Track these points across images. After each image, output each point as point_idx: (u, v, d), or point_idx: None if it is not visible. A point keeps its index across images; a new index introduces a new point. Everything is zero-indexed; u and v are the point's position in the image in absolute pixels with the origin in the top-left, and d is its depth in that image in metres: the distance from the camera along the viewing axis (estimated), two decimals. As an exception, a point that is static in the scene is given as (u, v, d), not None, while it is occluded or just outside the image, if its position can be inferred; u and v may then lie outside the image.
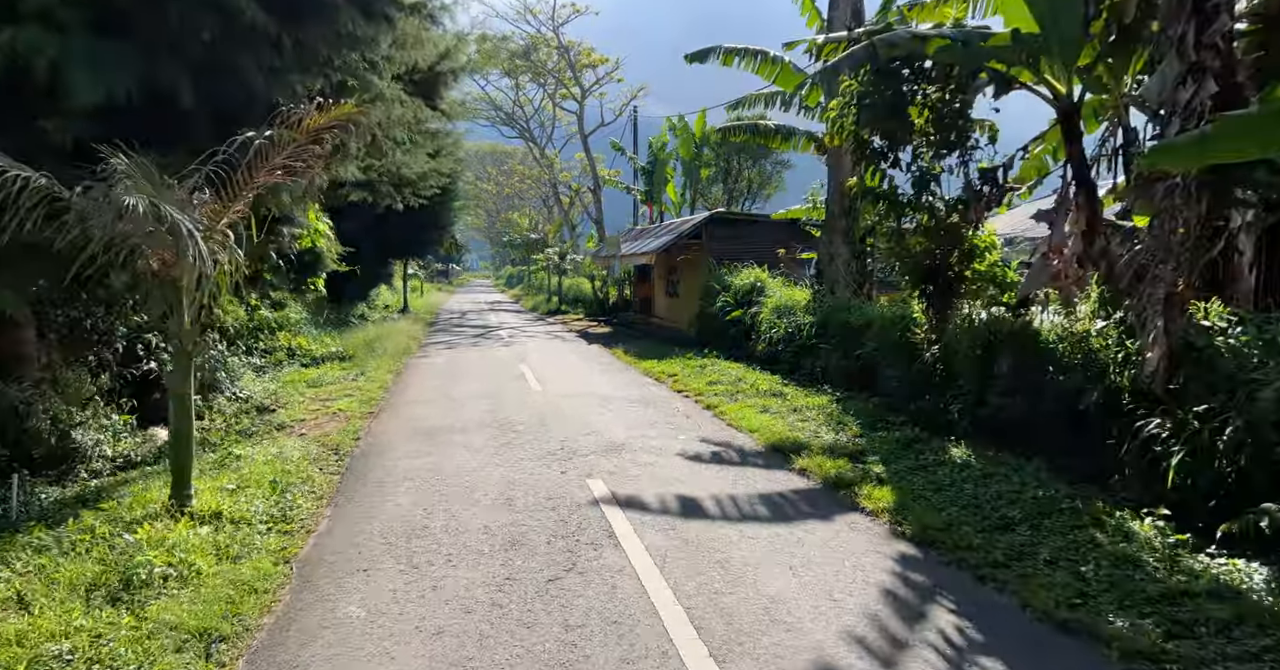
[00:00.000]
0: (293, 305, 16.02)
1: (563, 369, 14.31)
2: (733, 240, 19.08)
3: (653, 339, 20.18)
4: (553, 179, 44.92)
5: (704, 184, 31.52)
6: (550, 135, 48.64)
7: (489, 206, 71.57)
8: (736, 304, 15.89)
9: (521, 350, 17.69)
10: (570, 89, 37.72)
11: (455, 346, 18.71)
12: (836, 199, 12.27)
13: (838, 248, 12.34)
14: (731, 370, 12.95)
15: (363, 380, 12.67)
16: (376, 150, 11.86)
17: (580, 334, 22.49)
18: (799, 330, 12.47)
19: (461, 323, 27.08)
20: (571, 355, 16.72)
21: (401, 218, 24.52)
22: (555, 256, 33.26)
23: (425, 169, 15.08)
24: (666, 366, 14.06)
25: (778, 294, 14.59)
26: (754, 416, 9.25)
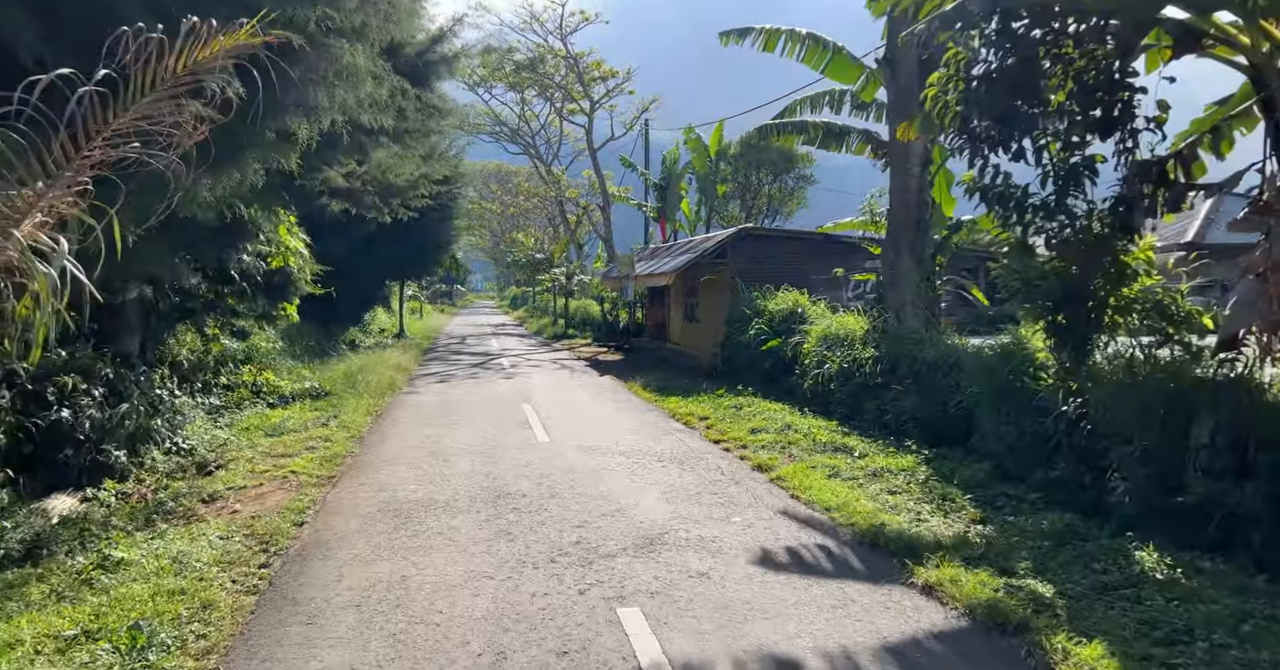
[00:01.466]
0: (261, 334, 13.97)
1: (573, 410, 12.17)
2: (762, 259, 17.02)
3: (670, 369, 18.05)
4: (559, 197, 43.14)
5: (720, 201, 29.62)
6: (557, 152, 47.01)
7: (493, 226, 69.94)
8: (773, 332, 13.78)
9: (525, 384, 15.58)
10: (579, 102, 36.02)
11: (450, 378, 16.60)
12: (902, 209, 10.22)
13: (904, 267, 10.26)
14: (774, 412, 10.82)
15: (334, 425, 10.57)
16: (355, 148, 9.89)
17: (589, 362, 20.39)
18: (857, 366, 10.33)
19: (460, 349, 25.00)
20: (582, 391, 14.59)
21: (396, 235, 22.56)
22: (561, 277, 31.28)
23: (415, 175, 13.10)
24: (695, 406, 11.93)
25: (824, 321, 12.49)
26: (823, 484, 7.10)
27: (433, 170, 14.51)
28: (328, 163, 10.81)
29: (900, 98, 9.80)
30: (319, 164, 10.55)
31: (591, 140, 35.83)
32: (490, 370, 18.34)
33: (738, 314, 15.47)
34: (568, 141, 46.50)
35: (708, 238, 19.07)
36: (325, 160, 10.52)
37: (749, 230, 17.05)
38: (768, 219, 28.26)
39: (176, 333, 11.93)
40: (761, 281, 16.34)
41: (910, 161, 9.87)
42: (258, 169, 6.25)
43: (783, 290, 14.73)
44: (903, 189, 10.01)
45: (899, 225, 10.17)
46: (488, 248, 78.13)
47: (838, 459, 8.08)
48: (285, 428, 10.47)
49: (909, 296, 10.08)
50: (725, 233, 17.77)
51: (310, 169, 11.21)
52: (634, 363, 20.19)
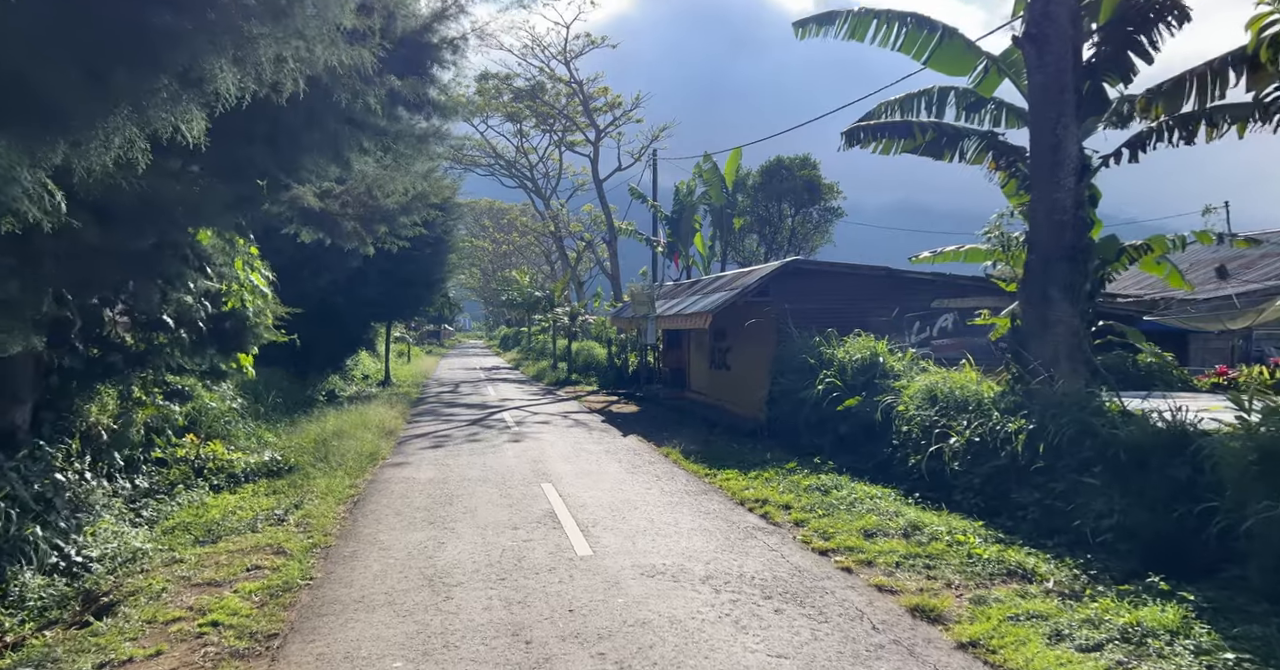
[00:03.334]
0: (209, 393, 11.22)
1: (609, 494, 9.46)
2: (810, 297, 14.55)
3: (702, 426, 15.39)
4: (558, 232, 40.87)
5: (736, 234, 27.35)
6: (555, 186, 44.97)
7: (484, 265, 67.73)
8: (846, 387, 11.20)
9: (537, 449, 12.84)
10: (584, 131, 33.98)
11: (445, 442, 13.82)
12: (1051, 233, 7.73)
13: (1056, 310, 7.73)
14: (878, 500, 8.20)
15: (292, 523, 7.83)
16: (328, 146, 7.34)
17: (603, 415, 17.69)
18: (996, 440, 7.72)
19: (454, 399, 22.20)
20: (610, 460, 11.86)
21: (383, 271, 19.99)
22: (564, 317, 28.74)
23: (407, 196, 10.56)
24: (763, 487, 9.31)
25: (922, 376, 9.93)
26: (1051, 662, 4.44)
27: (429, 190, 11.98)
28: (295, 171, 8.34)
29: (1050, 83, 7.45)
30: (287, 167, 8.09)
31: (597, 171, 33.70)
32: (492, 428, 15.58)
33: (794, 363, 12.88)
34: (567, 176, 44.57)
35: (746, 272, 16.64)
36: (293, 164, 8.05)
37: (797, 264, 14.64)
38: (789, 254, 25.97)
39: (95, 394, 9.20)
40: (810, 323, 13.86)
41: (1061, 170, 7.46)
42: (134, 134, 3.66)
43: (854, 335, 12.21)
44: (1050, 206, 7.58)
45: (1046, 255, 7.69)
46: (478, 287, 75.85)
47: (1033, 598, 5.42)
48: (226, 527, 7.70)
49: (1063, 347, 7.53)
50: (768, 266, 15.33)
51: (275, 184, 8.74)
52: (655, 417, 17.50)
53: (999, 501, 7.50)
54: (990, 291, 15.57)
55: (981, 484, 7.79)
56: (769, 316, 14.44)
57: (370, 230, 11.28)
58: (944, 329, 15.19)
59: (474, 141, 40.43)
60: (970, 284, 15.43)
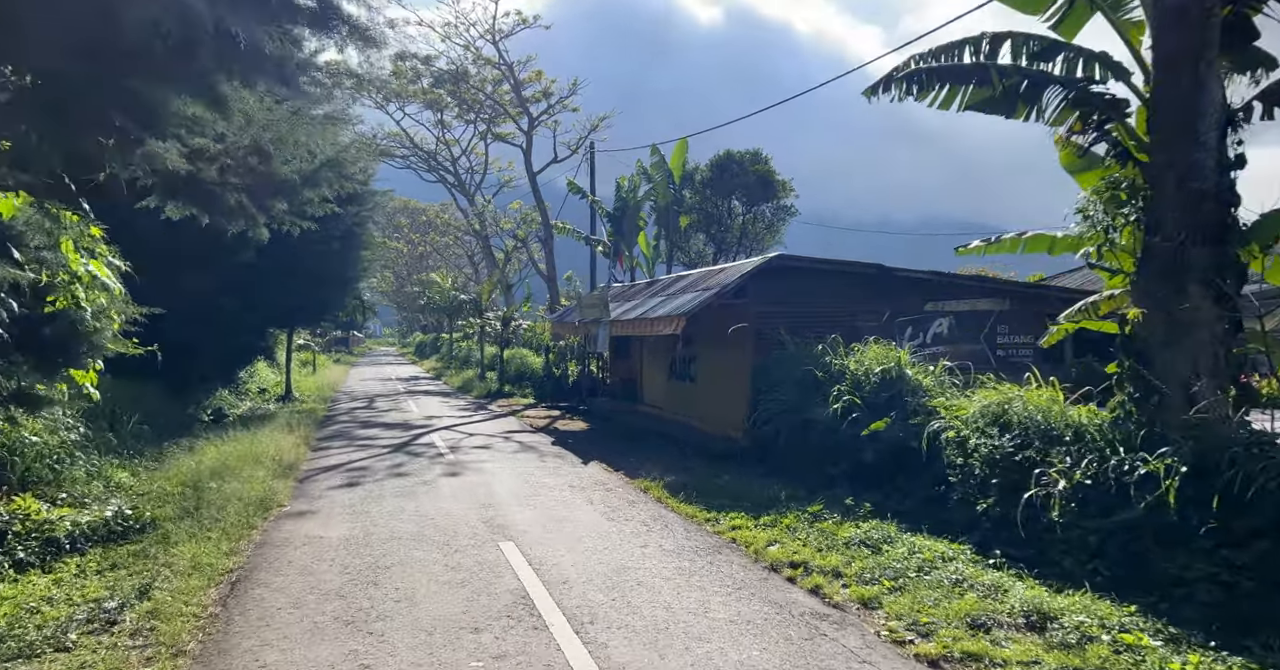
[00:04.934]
0: (29, 422, 8.16)
1: (597, 559, 7.10)
2: (792, 298, 12.66)
3: (668, 448, 13.21)
4: (484, 231, 37.87)
5: (683, 233, 25.39)
6: (480, 181, 41.94)
7: (398, 267, 63.56)
8: (866, 407, 9.25)
9: (483, 485, 10.30)
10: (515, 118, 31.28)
11: (362, 478, 11.06)
12: (1184, 209, 5.89)
13: (1193, 308, 5.91)
14: (956, 563, 6.29)
15: (123, 636, 5.12)
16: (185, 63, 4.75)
17: (552, 435, 15.23)
18: (1121, 485, 5.82)
19: (370, 417, 19.15)
20: (581, 502, 9.47)
21: (286, 268, 16.83)
22: (496, 323, 26.02)
23: (314, 160, 7.92)
24: (788, 539, 7.29)
25: (979, 393, 8.04)
26: None
27: (344, 157, 9.28)
28: (149, 116, 5.81)
29: (1189, 3, 5.64)
30: (135, 111, 5.59)
31: (530, 163, 31.07)
32: (420, 456, 12.86)
33: (789, 375, 10.88)
34: (493, 170, 41.66)
35: (718, 270, 14.60)
36: (144, 104, 5.54)
37: (781, 260, 12.70)
38: (739, 255, 24.22)
39: None
40: (793, 328, 12.00)
41: (1202, 121, 5.67)
42: None
43: (874, 342, 10.31)
44: (1186, 171, 5.75)
45: (1180, 236, 5.89)
46: (391, 290, 71.42)
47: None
48: (9, 647, 4.91)
49: (1204, 359, 5.74)
50: (748, 263, 13.34)
51: (124, 139, 6.12)
52: (610, 436, 15.20)
53: (1134, 570, 5.59)
54: (989, 292, 14.11)
55: (1100, 544, 5.87)
56: (750, 319, 12.41)
57: (263, 207, 8.52)
58: (939, 334, 13.59)
59: (388, 132, 37.04)
60: (968, 284, 13.92)
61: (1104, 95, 6.68)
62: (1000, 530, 6.79)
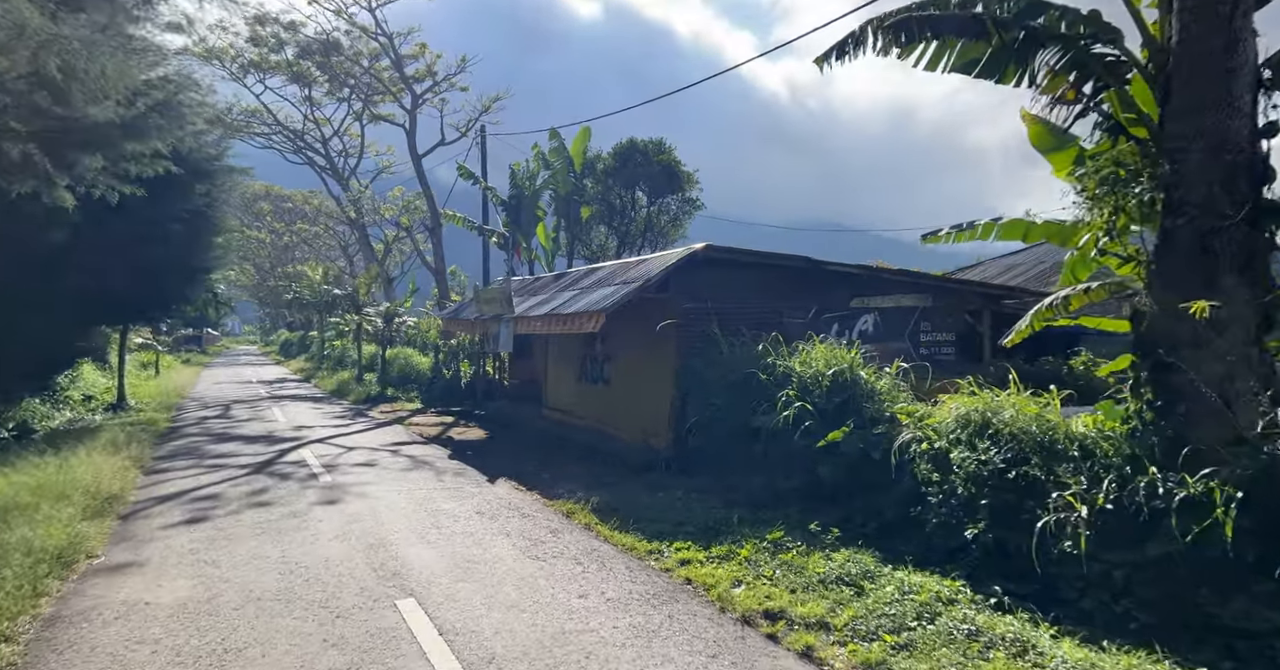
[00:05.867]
0: None
1: (530, 623, 5.61)
2: (718, 292, 11.62)
3: (582, 457, 11.88)
4: (361, 219, 34.72)
5: (584, 225, 23.96)
6: (356, 166, 38.59)
7: (261, 259, 58.20)
8: (818, 413, 8.26)
9: (371, 517, 8.48)
10: (397, 95, 28.60)
11: (211, 512, 8.92)
12: (1211, 184, 5.12)
13: (1231, 301, 5.16)
14: (959, 607, 5.36)
15: None
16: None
17: (448, 446, 13.40)
18: (1151, 511, 5.03)
19: (226, 428, 16.45)
20: (495, 535, 7.88)
21: (118, 252, 14.06)
22: (377, 320, 23.53)
23: (133, 100, 5.90)
24: (752, 576, 6.16)
25: (954, 399, 7.19)
26: None
27: (181, 98, 7.17)
28: None
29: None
30: None
31: (414, 145, 28.51)
32: (289, 479, 10.75)
33: (724, 378, 9.78)
34: (369, 154, 38.44)
35: (637, 262, 13.30)
36: None
37: (708, 251, 11.60)
38: (644, 248, 23.12)
39: None
40: (721, 325, 11.00)
41: (1236, 82, 4.95)
42: None
43: (817, 341, 9.35)
44: (1219, 140, 5.01)
45: (1208, 217, 5.16)
46: (252, 284, 65.50)
47: None
48: None
49: (1238, 360, 5.03)
50: (672, 254, 12.13)
51: None
52: (515, 446, 13.60)
53: (1174, 615, 4.77)
54: (914, 288, 13.66)
55: (1127, 581, 5.04)
56: (675, 315, 11.22)
57: (65, 163, 6.41)
58: (864, 331, 12.97)
59: (246, 106, 33.14)
60: (893, 280, 13.39)
61: (1104, 57, 5.93)
62: (994, 560, 5.89)
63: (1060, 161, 7.24)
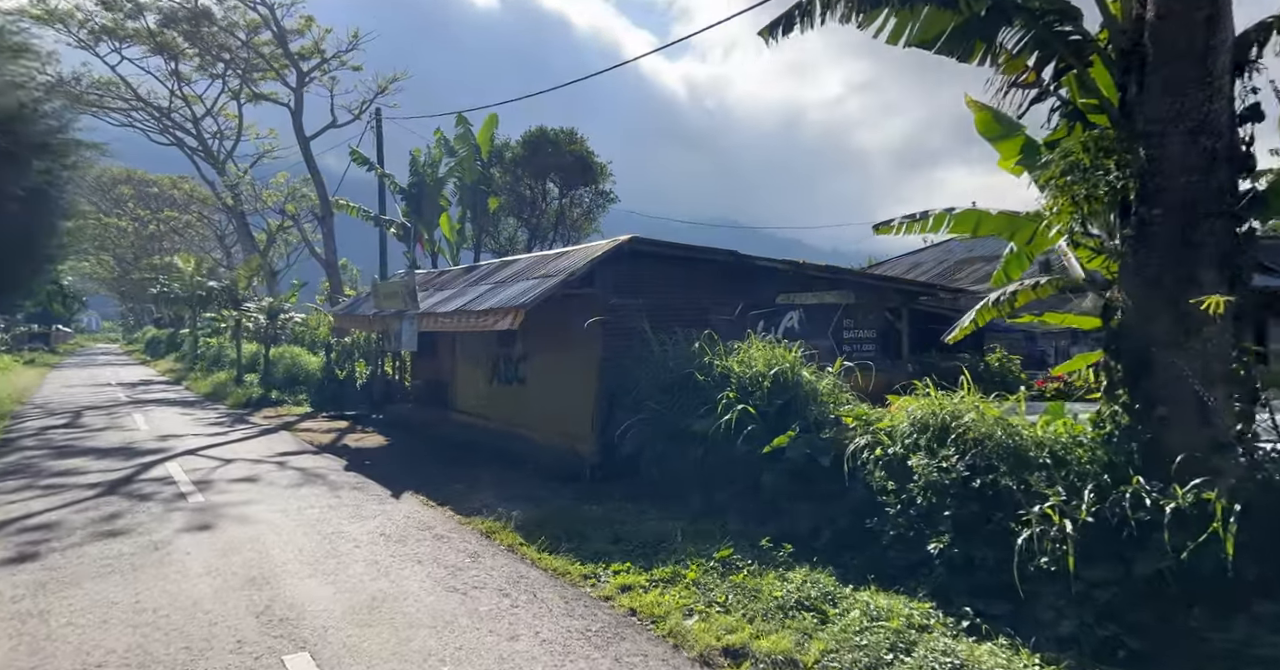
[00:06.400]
0: None
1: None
2: (643, 288, 10.96)
3: (496, 465, 10.98)
4: (240, 207, 31.81)
5: (491, 216, 22.73)
6: (233, 148, 35.43)
7: (122, 249, 52.81)
8: (760, 417, 7.73)
9: (254, 544, 7.23)
10: (280, 72, 26.23)
11: (44, 546, 7.37)
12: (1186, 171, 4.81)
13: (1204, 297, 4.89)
14: (934, 635, 4.94)
15: None
16: None
17: (343, 456, 12.06)
18: (1141, 526, 4.69)
19: (73, 439, 14.28)
20: (405, 564, 6.86)
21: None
22: (260, 316, 21.42)
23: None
24: (703, 604, 5.57)
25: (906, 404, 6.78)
26: None
27: None
28: None
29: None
30: None
31: (301, 126, 26.25)
32: (150, 500, 9.20)
33: (661, 378, 9.11)
34: (248, 137, 35.43)
35: (558, 255, 12.39)
36: None
37: (635, 243, 10.88)
38: (556, 242, 22.16)
39: None
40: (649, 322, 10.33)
41: (1216, 61, 4.70)
42: None
43: (754, 339, 8.81)
44: (1197, 124, 4.72)
45: (1187, 207, 4.91)
46: (113, 278, 59.55)
47: None
48: None
49: (1216, 361, 4.79)
50: (596, 247, 11.31)
51: None
52: (421, 454, 12.45)
53: (1169, 642, 4.43)
54: (836, 284, 13.45)
55: (1112, 602, 4.64)
56: (601, 312, 10.46)
57: None
58: (790, 329, 12.67)
59: (98, 78, 29.62)
60: (817, 276, 13.13)
61: (1068, 36, 5.64)
62: (960, 577, 5.45)
63: (1008, 149, 7.01)
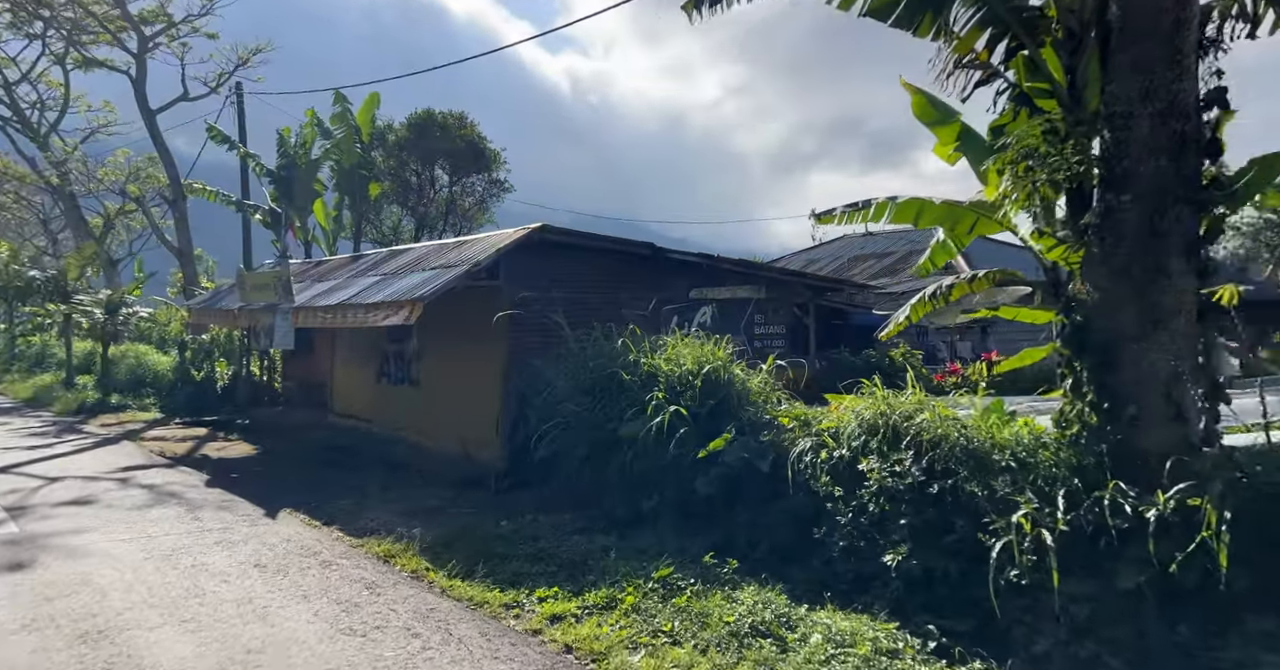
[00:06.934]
0: None
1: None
2: (553, 281, 10.23)
3: (388, 474, 9.90)
4: (69, 187, 27.89)
5: (373, 203, 21.01)
6: (57, 122, 31.16)
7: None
8: (691, 419, 7.18)
9: (87, 584, 5.86)
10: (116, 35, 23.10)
11: None
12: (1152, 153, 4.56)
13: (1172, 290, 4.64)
14: (910, 664, 4.49)
15: None
16: None
17: (204, 468, 10.45)
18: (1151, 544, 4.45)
19: None
20: (290, 600, 5.74)
21: None
22: (95, 310, 18.68)
23: None
24: (646, 636, 5.03)
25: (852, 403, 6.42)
26: None
27: None
28: None
29: None
30: None
31: (144, 96, 23.24)
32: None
33: (581, 378, 8.37)
34: (76, 109, 31.26)
35: (457, 243, 11.30)
36: None
37: (545, 232, 10.05)
38: (446, 232, 20.79)
39: None
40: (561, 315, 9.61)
41: (1184, 38, 4.52)
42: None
43: (679, 335, 8.25)
44: (1167, 106, 4.54)
45: (1158, 194, 4.74)
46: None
47: None
48: None
49: (1186, 357, 4.66)
50: (501, 235, 10.36)
51: None
52: (297, 464, 11.08)
53: (1155, 658, 4.17)
54: (749, 279, 13.15)
55: (1091, 619, 4.34)
56: (510, 306, 9.58)
57: None
58: (703, 324, 12.29)
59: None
60: (730, 270, 12.80)
61: (1022, 11, 5.45)
62: (919, 591, 5.06)
63: (945, 135, 6.82)
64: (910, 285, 17.93)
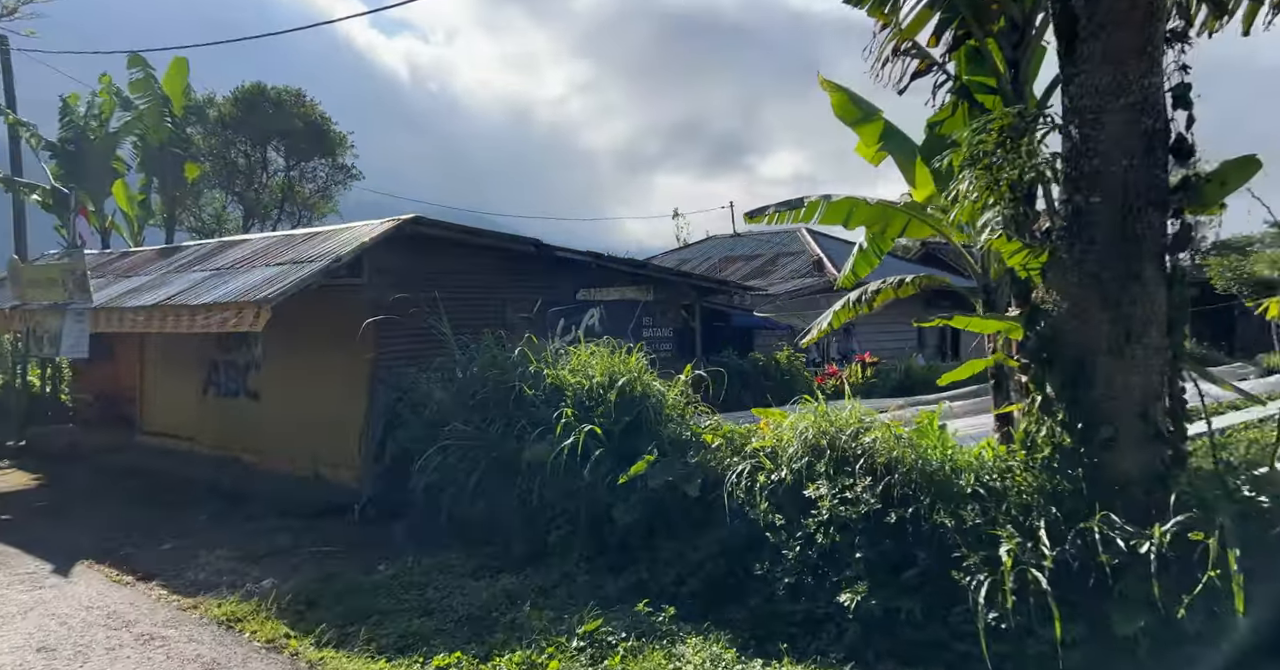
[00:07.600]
0: None
1: None
2: (432, 281, 8.96)
3: (219, 505, 8.23)
4: None
5: (190, 186, 18.12)
6: None
7: None
8: (606, 438, 6.30)
9: None
10: None
11: None
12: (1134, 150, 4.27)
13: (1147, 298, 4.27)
14: None
15: None
16: None
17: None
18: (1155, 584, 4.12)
19: None
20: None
21: None
22: None
23: None
24: None
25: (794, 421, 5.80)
26: None
27: None
28: None
29: None
30: None
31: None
32: None
33: (470, 392, 7.21)
34: None
35: (306, 236, 9.54)
36: None
37: (417, 225, 8.70)
38: (282, 222, 18.34)
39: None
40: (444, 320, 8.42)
41: (1155, 29, 4.29)
42: None
43: (586, 343, 7.29)
44: (1140, 99, 4.29)
45: (1128, 196, 4.45)
46: None
47: None
48: None
49: (1155, 371, 4.40)
50: (366, 227, 8.81)
51: None
52: (94, 494, 9.04)
53: None
54: (637, 279, 12.40)
55: (1090, 664, 3.96)
56: (378, 309, 8.19)
57: None
58: (591, 327, 11.50)
59: None
60: (617, 270, 12.00)
61: None
62: (878, 634, 4.48)
63: (868, 134, 6.47)
64: (782, 287, 18.10)
